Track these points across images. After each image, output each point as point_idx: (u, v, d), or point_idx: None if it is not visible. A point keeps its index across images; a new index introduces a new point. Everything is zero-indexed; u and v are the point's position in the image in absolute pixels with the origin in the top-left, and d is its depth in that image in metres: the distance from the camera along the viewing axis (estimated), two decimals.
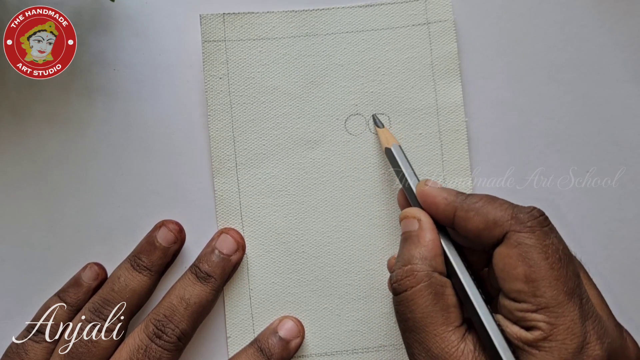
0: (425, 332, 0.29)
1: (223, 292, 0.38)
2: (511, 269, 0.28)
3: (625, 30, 0.40)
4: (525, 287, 0.28)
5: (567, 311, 0.27)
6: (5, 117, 0.39)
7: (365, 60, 0.39)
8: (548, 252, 0.28)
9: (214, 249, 0.37)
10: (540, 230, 0.28)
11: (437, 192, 0.32)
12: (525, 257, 0.28)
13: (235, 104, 0.39)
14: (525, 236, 0.28)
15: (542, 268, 0.27)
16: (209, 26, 0.38)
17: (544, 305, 0.27)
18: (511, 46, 0.40)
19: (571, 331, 0.27)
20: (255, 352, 0.36)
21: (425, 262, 0.30)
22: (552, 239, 0.28)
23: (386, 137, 0.37)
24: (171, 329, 0.35)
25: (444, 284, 0.30)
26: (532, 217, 0.28)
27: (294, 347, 0.37)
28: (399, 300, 0.30)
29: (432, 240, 0.31)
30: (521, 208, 0.29)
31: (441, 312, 0.29)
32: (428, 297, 0.29)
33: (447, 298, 0.30)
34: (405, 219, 0.32)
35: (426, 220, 0.32)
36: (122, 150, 0.39)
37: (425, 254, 0.30)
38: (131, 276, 0.36)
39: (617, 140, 0.40)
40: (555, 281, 0.27)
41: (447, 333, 0.29)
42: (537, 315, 0.27)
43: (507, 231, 0.28)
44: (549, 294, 0.27)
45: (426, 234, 0.31)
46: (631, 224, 0.40)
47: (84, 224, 0.38)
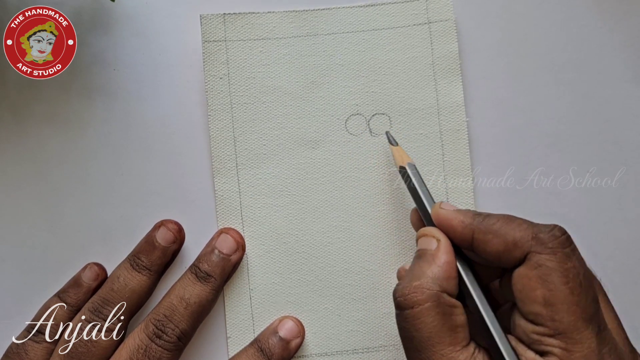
0: (431, 352, 0.28)
1: (223, 292, 0.38)
2: (530, 291, 0.27)
3: (625, 30, 0.40)
4: (543, 310, 0.27)
5: (584, 338, 0.26)
6: (5, 117, 0.39)
7: (366, 60, 0.39)
8: (569, 276, 0.27)
9: (213, 248, 0.37)
10: (562, 252, 0.28)
11: (453, 215, 0.31)
12: (545, 280, 0.27)
13: (236, 104, 0.39)
14: (546, 258, 0.27)
15: (561, 292, 0.27)
16: (209, 26, 0.38)
17: (561, 331, 0.27)
18: (512, 46, 0.40)
19: (587, 359, 0.26)
20: (256, 352, 0.36)
21: (436, 282, 0.29)
22: (573, 261, 0.28)
23: (400, 156, 0.36)
24: (171, 329, 0.35)
25: (453, 304, 0.29)
26: (553, 238, 0.28)
27: (294, 347, 0.37)
28: (404, 316, 0.29)
29: (448, 262, 0.30)
30: (542, 227, 0.28)
31: (449, 332, 0.28)
32: (436, 317, 0.28)
33: (455, 318, 0.29)
34: (424, 236, 0.32)
35: (445, 242, 0.31)
36: (122, 150, 0.39)
37: (438, 274, 0.29)
38: (131, 276, 0.36)
39: (617, 140, 0.40)
40: (575, 307, 0.27)
41: (455, 353, 0.28)
42: (554, 341, 0.27)
43: (527, 252, 0.28)
44: (567, 319, 0.27)
45: (442, 255, 0.30)
46: (631, 224, 0.40)
47: (84, 224, 0.38)
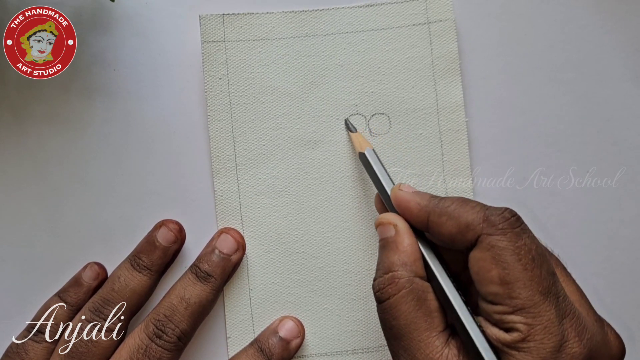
0: (410, 339, 0.29)
1: (223, 292, 0.38)
2: (485, 272, 0.28)
3: (625, 30, 0.40)
4: (500, 289, 0.28)
5: (543, 311, 0.27)
6: (5, 117, 0.39)
7: (365, 61, 0.39)
8: (521, 253, 0.28)
9: (214, 248, 0.37)
10: (512, 231, 0.28)
11: (410, 196, 0.32)
12: (498, 260, 0.28)
13: (235, 105, 0.39)
14: (497, 239, 0.28)
15: (515, 270, 0.27)
16: (209, 27, 0.38)
17: (520, 307, 0.27)
18: (512, 46, 0.40)
19: (548, 330, 0.27)
20: (256, 352, 0.36)
21: (406, 268, 0.30)
22: (524, 239, 0.28)
23: (359, 142, 0.36)
24: (171, 329, 0.35)
25: (425, 288, 0.30)
26: (503, 219, 0.28)
27: (294, 347, 0.37)
28: (382, 308, 0.30)
29: (410, 244, 0.31)
30: (493, 210, 0.29)
31: (424, 318, 0.29)
32: (411, 303, 0.29)
33: (429, 303, 0.29)
34: (380, 225, 0.32)
35: (402, 225, 0.31)
36: (122, 150, 0.39)
37: (405, 260, 0.30)
38: (131, 276, 0.36)
39: (617, 140, 0.40)
40: (530, 282, 0.27)
41: (431, 338, 0.29)
42: (514, 317, 0.27)
43: (479, 234, 0.28)
44: (524, 295, 0.27)
45: (403, 239, 0.31)
46: (631, 224, 0.40)
47: (84, 224, 0.38)
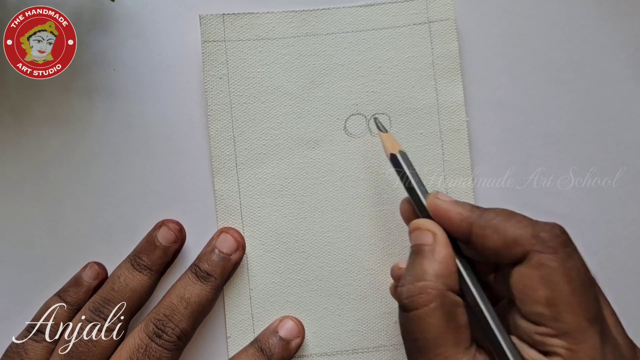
0: (435, 354, 0.28)
1: (223, 292, 0.38)
2: (532, 291, 0.27)
3: (625, 30, 0.40)
4: (546, 311, 0.27)
5: (588, 338, 0.26)
6: (5, 117, 0.39)
7: (365, 60, 0.39)
8: (571, 275, 0.27)
9: (214, 248, 0.37)
10: (563, 251, 0.27)
11: (451, 206, 0.30)
12: (547, 280, 0.27)
13: (235, 104, 0.39)
14: (547, 257, 0.27)
15: (564, 292, 0.26)
16: (209, 26, 0.38)
17: (565, 331, 0.26)
18: (512, 46, 0.40)
19: (592, 358, 0.26)
20: (256, 352, 0.36)
21: (440, 280, 0.28)
22: (575, 261, 0.27)
23: (391, 143, 0.34)
24: (171, 328, 0.35)
25: (457, 303, 0.28)
26: (554, 237, 0.27)
27: (295, 347, 0.37)
28: (409, 318, 0.28)
29: (447, 256, 0.29)
30: (542, 226, 0.28)
31: (453, 334, 0.28)
32: (441, 317, 0.28)
33: (459, 318, 0.28)
34: (417, 230, 0.31)
35: (441, 235, 0.30)
36: (122, 150, 0.39)
37: (440, 271, 0.29)
38: (132, 276, 0.36)
39: (617, 140, 0.40)
40: (578, 307, 0.26)
41: (459, 355, 0.27)
42: (557, 341, 0.26)
43: (528, 251, 0.27)
44: (571, 319, 0.26)
45: (441, 249, 0.29)
46: (632, 224, 0.40)
47: (84, 224, 0.38)
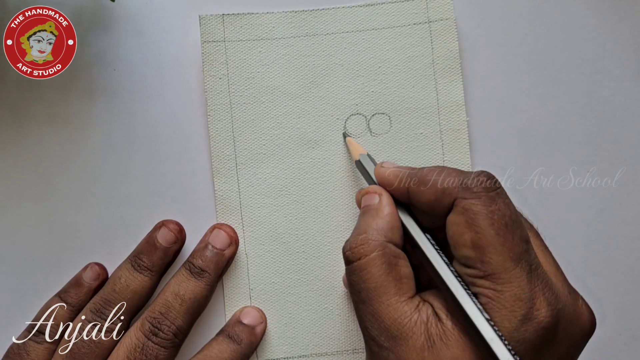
0: (378, 303, 0.29)
1: (223, 292, 0.38)
2: (459, 235, 0.28)
3: (625, 30, 0.40)
4: (472, 253, 0.27)
5: (513, 277, 0.27)
6: (5, 117, 0.39)
7: (365, 60, 0.39)
8: (494, 217, 0.27)
9: (207, 244, 0.37)
10: (486, 195, 0.28)
11: (391, 171, 0.32)
12: (471, 224, 0.28)
13: (235, 104, 0.39)
14: (471, 202, 0.28)
15: (488, 234, 0.27)
16: (209, 27, 0.38)
17: (490, 272, 0.27)
18: (512, 46, 0.40)
19: (518, 297, 0.26)
20: (225, 339, 0.36)
21: (381, 233, 0.30)
22: (498, 204, 0.28)
23: (355, 148, 0.37)
24: (167, 326, 0.35)
25: (397, 254, 0.30)
26: (479, 182, 0.28)
27: (260, 332, 0.37)
28: (352, 269, 0.30)
29: (390, 213, 0.31)
30: (469, 174, 0.29)
31: (394, 282, 0.29)
32: (381, 266, 0.29)
33: (400, 269, 0.29)
34: (366, 194, 0.32)
35: (386, 195, 0.32)
36: (122, 150, 0.39)
37: (382, 226, 0.30)
38: (132, 277, 0.36)
39: (617, 140, 0.40)
40: (501, 247, 0.27)
41: (400, 303, 0.28)
42: (484, 282, 0.27)
43: (455, 198, 0.28)
44: (495, 260, 0.27)
45: (385, 207, 0.31)
46: (631, 224, 0.40)
47: (85, 224, 0.38)
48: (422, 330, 0.28)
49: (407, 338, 0.28)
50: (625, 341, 0.39)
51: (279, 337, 0.38)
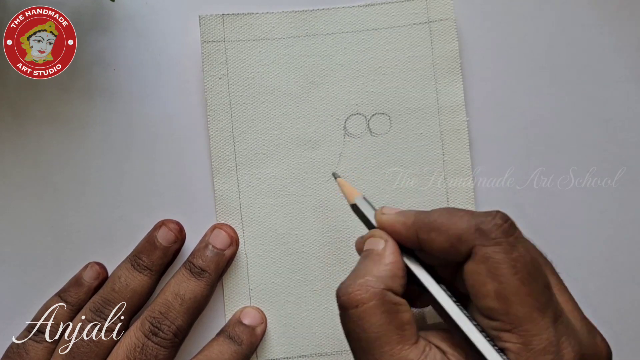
0: (380, 353, 0.27)
1: (223, 292, 0.38)
2: (481, 286, 0.27)
3: (625, 30, 0.40)
4: (496, 304, 0.26)
5: (541, 329, 0.26)
6: (5, 117, 0.39)
7: (365, 60, 0.39)
8: (517, 266, 0.26)
9: (207, 244, 0.37)
10: (506, 240, 0.27)
11: (394, 218, 0.30)
12: (494, 273, 0.26)
13: (235, 104, 0.39)
14: (492, 250, 0.27)
15: (512, 284, 0.26)
16: (208, 27, 0.38)
17: (516, 324, 0.26)
18: (512, 46, 0.40)
19: (546, 350, 0.26)
20: (226, 339, 0.36)
21: (381, 280, 0.28)
22: (519, 250, 0.27)
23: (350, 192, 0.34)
24: (167, 326, 0.35)
25: (398, 302, 0.28)
26: (496, 227, 0.27)
27: (260, 333, 0.37)
28: (349, 316, 0.28)
29: (394, 262, 0.29)
30: (483, 217, 0.27)
31: (396, 331, 0.27)
32: (381, 315, 0.27)
33: (401, 315, 0.28)
34: (371, 237, 0.31)
35: (392, 242, 0.30)
36: (122, 150, 0.39)
37: (384, 273, 0.28)
38: (132, 276, 0.36)
39: (617, 140, 0.40)
40: (527, 297, 0.26)
41: (405, 351, 0.27)
42: (511, 336, 0.26)
43: (472, 246, 0.27)
44: (522, 311, 0.26)
45: (389, 255, 0.29)
46: (631, 224, 0.40)
47: (85, 224, 0.38)
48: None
49: None
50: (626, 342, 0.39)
51: (279, 337, 0.38)
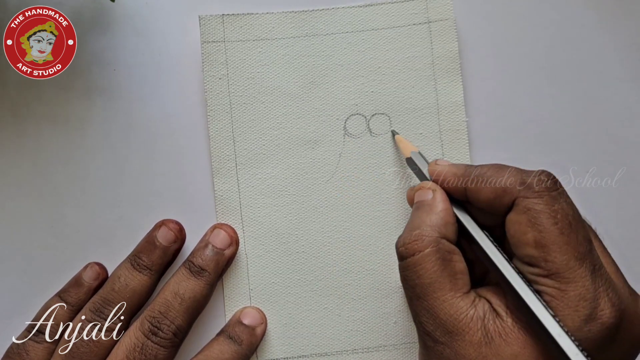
0: (433, 299, 0.29)
1: (223, 292, 0.38)
2: (521, 235, 0.28)
3: (625, 30, 0.40)
4: (535, 252, 0.27)
5: (578, 277, 0.27)
6: (5, 117, 0.39)
7: (365, 60, 0.39)
8: (557, 217, 0.28)
9: (207, 243, 0.37)
10: (548, 194, 0.28)
11: (446, 168, 0.32)
12: (534, 223, 0.28)
13: (235, 105, 0.39)
14: (533, 202, 0.28)
15: (551, 233, 0.27)
16: (208, 27, 0.38)
17: (554, 271, 0.27)
18: (512, 46, 0.40)
19: (582, 297, 0.27)
20: (226, 339, 0.36)
21: (435, 228, 0.30)
22: (561, 203, 0.28)
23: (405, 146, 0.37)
24: (167, 325, 0.35)
25: (452, 250, 0.30)
26: (540, 182, 0.28)
27: (260, 333, 0.37)
28: (406, 265, 0.30)
29: (445, 209, 0.31)
30: (529, 173, 0.29)
31: (449, 278, 0.29)
32: (436, 262, 0.29)
33: (455, 264, 0.29)
34: (420, 189, 0.32)
35: (440, 192, 0.32)
36: (122, 150, 0.39)
37: (436, 222, 0.30)
38: (132, 276, 0.36)
39: (617, 140, 0.40)
40: (566, 246, 0.27)
41: (455, 299, 0.28)
42: (548, 281, 0.27)
43: (515, 197, 0.28)
44: (559, 259, 0.27)
45: (439, 203, 0.31)
46: (631, 224, 0.40)
47: (84, 224, 0.38)
48: (478, 326, 0.28)
49: (464, 333, 0.28)
50: None
51: (279, 337, 0.38)
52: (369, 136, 0.39)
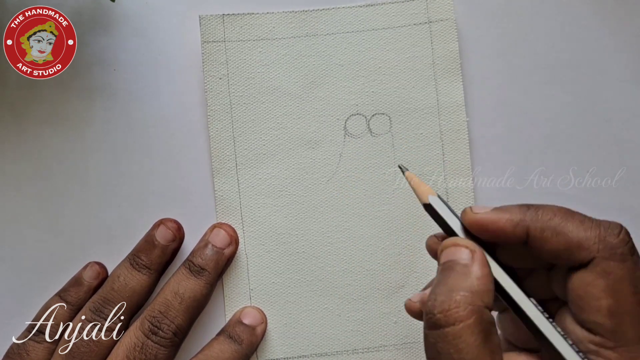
0: None
1: (223, 292, 0.38)
2: (594, 299, 0.25)
3: (625, 30, 0.40)
4: (607, 321, 0.25)
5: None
6: (5, 117, 0.39)
7: (365, 60, 0.39)
8: (638, 285, 0.25)
9: (207, 242, 0.37)
10: (631, 259, 0.26)
11: (496, 215, 0.28)
12: (612, 289, 0.25)
13: (235, 105, 0.39)
14: (615, 265, 0.25)
15: (629, 303, 0.25)
16: (209, 27, 0.38)
17: (623, 344, 0.25)
18: (512, 46, 0.40)
19: None
20: (226, 339, 0.36)
21: (477, 296, 0.26)
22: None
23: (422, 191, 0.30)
24: (167, 325, 0.35)
25: (493, 322, 0.26)
26: (622, 243, 0.26)
27: (260, 332, 0.37)
28: (443, 335, 0.25)
29: (487, 275, 0.27)
30: (608, 229, 0.26)
31: (490, 355, 0.25)
32: (479, 335, 0.25)
33: (494, 338, 0.26)
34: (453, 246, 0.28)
35: (480, 252, 0.27)
36: (122, 150, 0.39)
37: (478, 288, 0.26)
38: (131, 275, 0.36)
39: (617, 140, 0.40)
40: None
41: None
42: (612, 354, 0.25)
43: (594, 257, 0.26)
44: (632, 332, 0.25)
45: (480, 268, 0.27)
46: (631, 224, 0.39)
47: (84, 224, 0.38)
48: None
49: None
50: None
51: (279, 337, 0.38)
52: (369, 136, 0.39)
